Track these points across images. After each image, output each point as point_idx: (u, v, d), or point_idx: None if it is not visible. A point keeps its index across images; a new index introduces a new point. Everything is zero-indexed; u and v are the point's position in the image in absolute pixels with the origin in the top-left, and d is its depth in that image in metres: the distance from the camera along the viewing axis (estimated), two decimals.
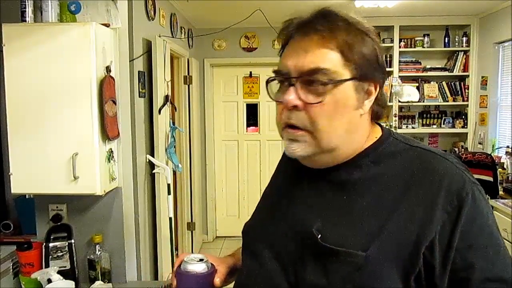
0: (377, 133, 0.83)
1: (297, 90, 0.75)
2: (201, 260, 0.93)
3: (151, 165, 3.16)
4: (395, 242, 0.70)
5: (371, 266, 0.70)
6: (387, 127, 0.87)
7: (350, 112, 0.76)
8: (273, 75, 0.81)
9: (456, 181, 0.72)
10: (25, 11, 1.60)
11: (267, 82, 0.82)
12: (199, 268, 0.92)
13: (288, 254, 0.79)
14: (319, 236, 0.74)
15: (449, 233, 0.69)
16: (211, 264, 0.95)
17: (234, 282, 0.95)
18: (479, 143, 4.48)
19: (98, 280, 1.71)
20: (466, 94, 4.66)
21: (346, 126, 0.76)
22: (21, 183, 1.58)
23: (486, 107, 4.37)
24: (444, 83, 4.71)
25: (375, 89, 0.78)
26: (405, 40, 4.66)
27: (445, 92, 4.71)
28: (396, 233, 0.71)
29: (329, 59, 0.74)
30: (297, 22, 0.78)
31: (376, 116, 0.83)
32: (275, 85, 0.81)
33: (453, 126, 4.74)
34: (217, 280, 0.94)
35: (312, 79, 0.74)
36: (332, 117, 0.75)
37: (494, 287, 0.68)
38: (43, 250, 1.68)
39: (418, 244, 0.69)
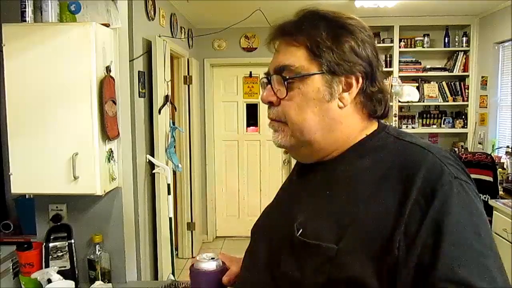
0: (373, 128, 0.83)
1: (274, 87, 0.82)
2: (212, 259, 0.99)
3: (151, 165, 3.16)
4: (366, 235, 0.69)
5: (343, 258, 0.70)
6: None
7: (323, 104, 0.79)
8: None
9: (434, 173, 0.69)
10: (25, 11, 1.60)
11: (261, 84, 0.88)
12: (208, 266, 0.98)
13: (277, 250, 0.81)
14: (300, 230, 0.76)
15: (416, 225, 0.65)
16: (222, 263, 1.00)
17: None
18: (479, 143, 4.48)
19: (98, 280, 1.71)
20: (466, 94, 4.66)
21: (319, 118, 0.79)
22: (21, 183, 1.59)
23: (486, 107, 4.37)
24: (444, 83, 4.71)
25: (357, 82, 0.79)
26: (405, 40, 4.66)
27: (445, 92, 4.71)
28: (367, 225, 0.70)
29: (294, 56, 0.79)
30: (275, 26, 0.83)
31: (371, 110, 0.82)
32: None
33: (453, 126, 4.74)
34: (225, 279, 0.97)
35: (281, 76, 0.80)
36: (301, 109, 0.79)
37: None
38: (43, 250, 1.68)
39: (389, 236, 0.67)
